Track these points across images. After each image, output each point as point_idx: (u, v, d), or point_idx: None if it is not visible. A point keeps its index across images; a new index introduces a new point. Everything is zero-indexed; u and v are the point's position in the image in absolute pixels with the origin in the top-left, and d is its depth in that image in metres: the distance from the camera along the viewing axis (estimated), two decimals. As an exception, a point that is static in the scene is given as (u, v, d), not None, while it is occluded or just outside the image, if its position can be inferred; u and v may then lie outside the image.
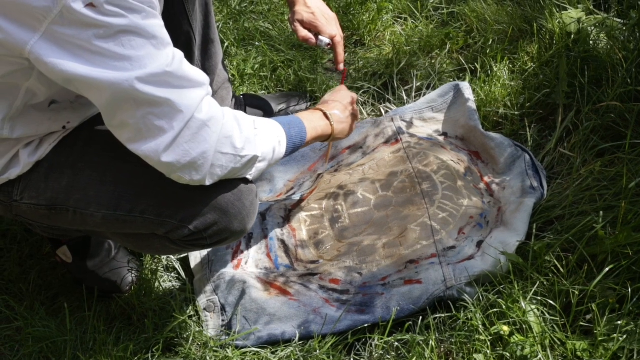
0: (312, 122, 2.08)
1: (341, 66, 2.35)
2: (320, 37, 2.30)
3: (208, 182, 1.73)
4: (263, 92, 2.93)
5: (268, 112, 2.70)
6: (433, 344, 1.94)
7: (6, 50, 1.54)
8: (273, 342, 2.07)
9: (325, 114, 2.15)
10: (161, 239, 1.89)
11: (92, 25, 1.48)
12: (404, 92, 2.83)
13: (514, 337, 1.89)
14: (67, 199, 1.83)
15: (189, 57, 2.39)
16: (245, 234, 1.93)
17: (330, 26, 2.31)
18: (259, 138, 1.80)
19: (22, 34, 1.49)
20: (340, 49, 2.34)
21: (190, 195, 1.79)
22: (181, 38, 2.34)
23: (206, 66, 2.50)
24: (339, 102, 2.23)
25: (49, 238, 2.27)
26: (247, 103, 2.70)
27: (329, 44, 2.31)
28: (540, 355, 1.86)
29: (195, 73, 1.65)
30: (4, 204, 1.89)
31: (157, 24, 1.57)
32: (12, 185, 1.85)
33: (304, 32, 2.30)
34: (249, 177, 1.85)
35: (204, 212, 1.81)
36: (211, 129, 1.66)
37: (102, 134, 1.86)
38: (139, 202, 1.82)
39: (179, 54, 1.62)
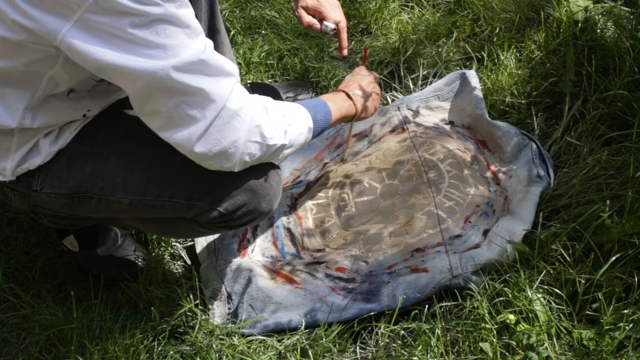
0: (336, 103, 2.10)
1: (345, 52, 2.36)
2: (325, 23, 2.30)
3: (237, 169, 1.76)
4: (270, 80, 2.93)
5: None
6: (439, 332, 1.94)
7: (35, 38, 1.53)
8: (279, 330, 2.07)
9: (348, 95, 2.18)
10: (188, 222, 1.91)
11: (128, 14, 1.48)
12: (410, 81, 2.82)
13: (520, 325, 1.89)
14: (91, 186, 1.83)
15: None
16: (271, 213, 1.96)
17: (335, 12, 2.32)
18: (287, 126, 1.81)
19: (53, 22, 1.49)
20: (344, 35, 2.34)
21: (220, 178, 1.80)
22: None
23: None
24: (360, 82, 2.26)
25: (56, 228, 2.27)
26: (255, 92, 2.70)
27: (334, 29, 2.31)
28: (546, 344, 1.86)
29: (226, 62, 1.66)
30: (22, 194, 1.88)
31: (190, 13, 1.58)
32: (31, 176, 1.84)
33: (308, 18, 2.30)
34: (276, 162, 1.88)
35: (233, 194, 1.84)
36: (242, 118, 1.68)
37: (125, 120, 1.87)
38: (167, 187, 1.83)
39: (210, 43, 1.63)
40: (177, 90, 1.57)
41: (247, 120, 1.69)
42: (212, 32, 2.41)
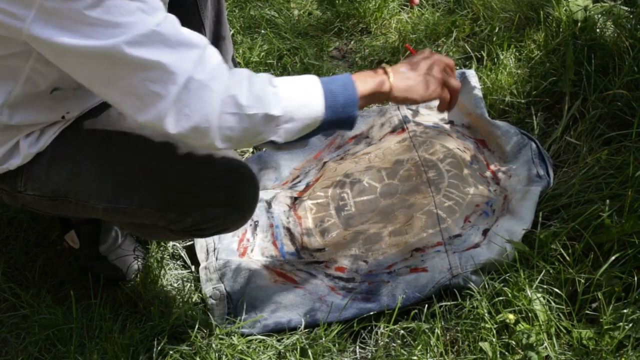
0: (361, 75, 1.77)
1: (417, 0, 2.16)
2: None
3: (220, 145, 1.61)
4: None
5: None
6: (439, 332, 1.94)
7: (5, 31, 1.51)
8: (279, 330, 2.07)
9: (383, 69, 1.80)
10: (162, 228, 1.90)
11: None
12: (410, 80, 2.82)
13: (520, 325, 1.89)
14: (68, 191, 1.83)
15: None
16: (245, 222, 1.93)
17: None
18: (276, 95, 1.63)
19: (18, 11, 1.47)
20: None
21: (189, 188, 1.78)
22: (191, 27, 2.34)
23: None
24: (414, 60, 1.85)
25: (60, 218, 2.30)
26: None
27: None
28: (545, 344, 1.86)
29: (190, 34, 1.56)
30: (9, 194, 1.89)
31: None
32: (15, 177, 1.84)
33: None
34: (278, 140, 1.66)
35: (203, 205, 1.81)
36: (212, 89, 1.55)
37: (103, 126, 1.84)
38: (138, 196, 1.82)
39: (172, 17, 1.55)
40: (136, 65, 1.50)
41: (219, 91, 1.56)
42: (217, 39, 2.39)
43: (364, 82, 1.75)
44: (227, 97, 1.56)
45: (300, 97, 1.66)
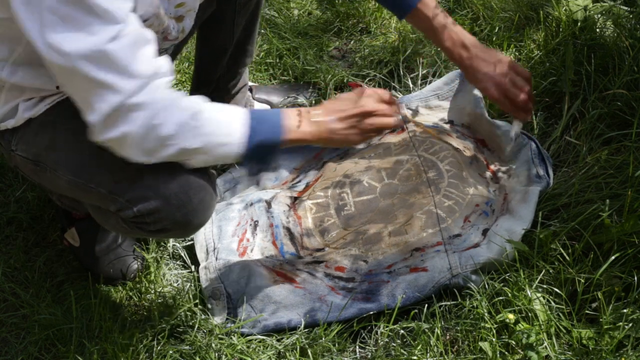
0: (290, 119, 1.86)
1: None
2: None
3: (140, 159, 1.73)
4: (273, 80, 2.93)
5: (275, 106, 2.79)
6: (438, 331, 1.94)
7: None
8: (279, 330, 2.08)
9: (299, 112, 1.88)
10: (115, 216, 1.90)
11: None
12: (409, 80, 2.82)
13: (520, 325, 1.89)
14: (46, 157, 1.88)
15: (219, 60, 2.52)
16: (193, 229, 1.92)
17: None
18: (195, 130, 1.71)
19: None
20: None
21: (142, 178, 1.80)
22: (218, 41, 2.47)
23: (232, 70, 2.58)
24: (333, 101, 1.95)
25: (63, 211, 2.32)
26: (256, 95, 2.75)
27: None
28: (545, 343, 1.86)
29: (141, 61, 1.62)
30: (6, 151, 1.96)
31: None
32: (11, 135, 1.91)
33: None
34: (191, 164, 1.80)
35: (148, 197, 1.81)
36: (140, 114, 1.64)
37: None
38: (96, 174, 1.84)
39: (132, 33, 1.60)
40: (77, 76, 1.59)
41: (146, 117, 1.65)
42: (239, 51, 2.55)
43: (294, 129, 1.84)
44: (151, 126, 1.66)
45: (221, 137, 1.76)
